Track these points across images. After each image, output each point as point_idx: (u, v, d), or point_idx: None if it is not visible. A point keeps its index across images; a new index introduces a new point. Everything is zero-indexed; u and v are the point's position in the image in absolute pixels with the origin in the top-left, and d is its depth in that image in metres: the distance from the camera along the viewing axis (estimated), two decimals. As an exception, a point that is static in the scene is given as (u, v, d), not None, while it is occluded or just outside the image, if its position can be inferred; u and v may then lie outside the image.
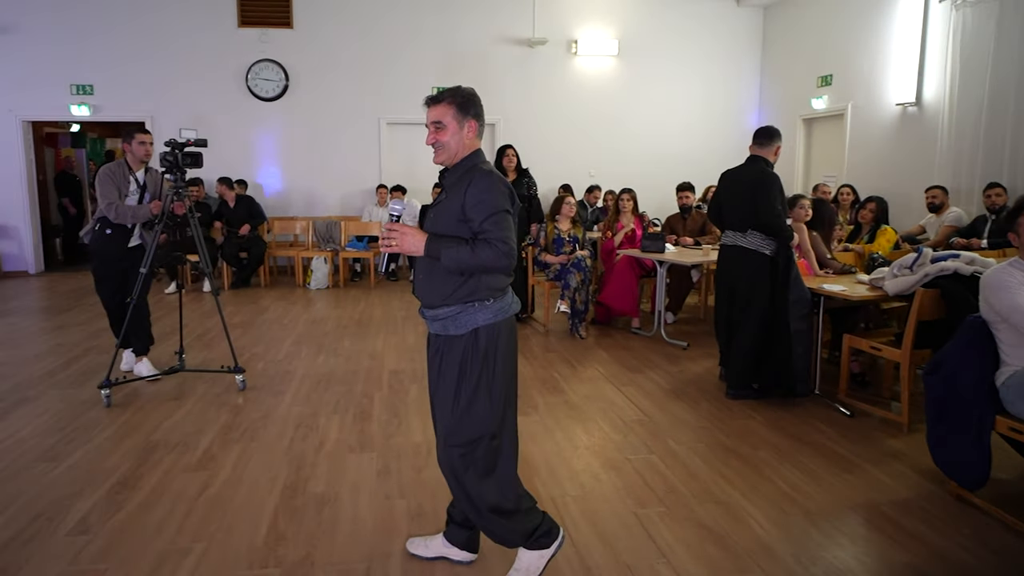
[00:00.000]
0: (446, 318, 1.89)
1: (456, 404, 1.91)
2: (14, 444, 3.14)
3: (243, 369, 3.99)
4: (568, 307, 5.09)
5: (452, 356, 1.91)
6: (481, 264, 1.79)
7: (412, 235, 1.82)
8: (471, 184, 1.83)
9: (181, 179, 3.77)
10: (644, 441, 3.20)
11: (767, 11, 9.07)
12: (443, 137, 1.90)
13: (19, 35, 7.90)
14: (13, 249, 8.28)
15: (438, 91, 1.94)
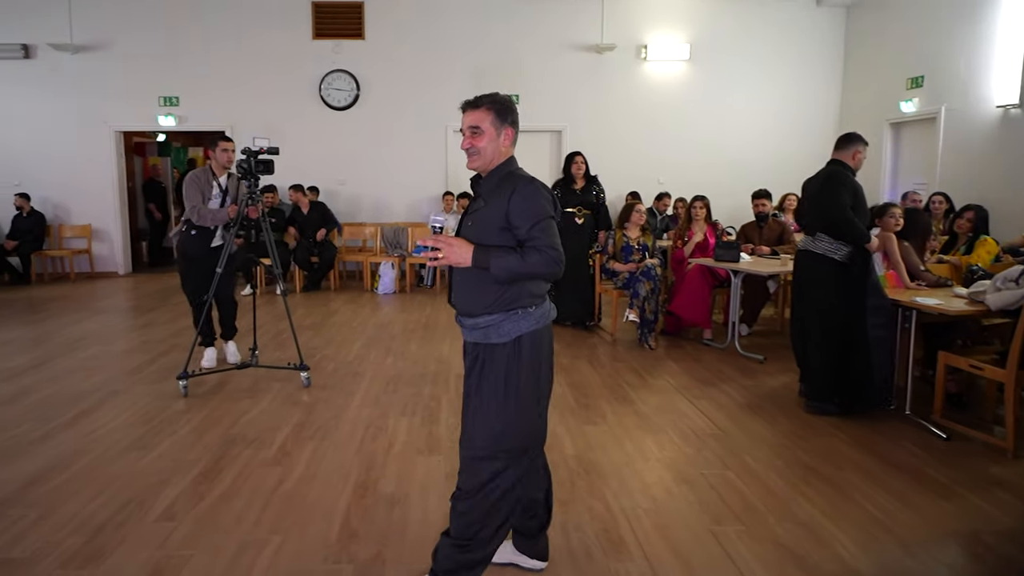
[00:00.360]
0: (488, 326, 1.86)
1: (501, 414, 1.86)
2: (107, 433, 3.37)
3: (308, 367, 4.17)
4: (637, 316, 5.02)
5: (495, 365, 1.87)
6: (531, 272, 1.78)
7: (459, 247, 1.80)
8: (515, 192, 1.81)
9: (255, 185, 3.99)
10: (719, 456, 3.11)
11: (850, 10, 8.72)
12: (479, 143, 1.88)
13: (113, 51, 8.55)
14: (104, 251, 8.92)
15: (476, 96, 1.91)
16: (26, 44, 8.45)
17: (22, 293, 7.64)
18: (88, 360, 4.71)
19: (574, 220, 5.69)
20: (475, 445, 1.91)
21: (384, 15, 8.58)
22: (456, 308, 1.96)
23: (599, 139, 8.57)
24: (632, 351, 5.02)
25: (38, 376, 4.33)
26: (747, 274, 4.92)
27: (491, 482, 1.90)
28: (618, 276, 5.36)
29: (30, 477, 2.85)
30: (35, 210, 8.43)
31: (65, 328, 5.74)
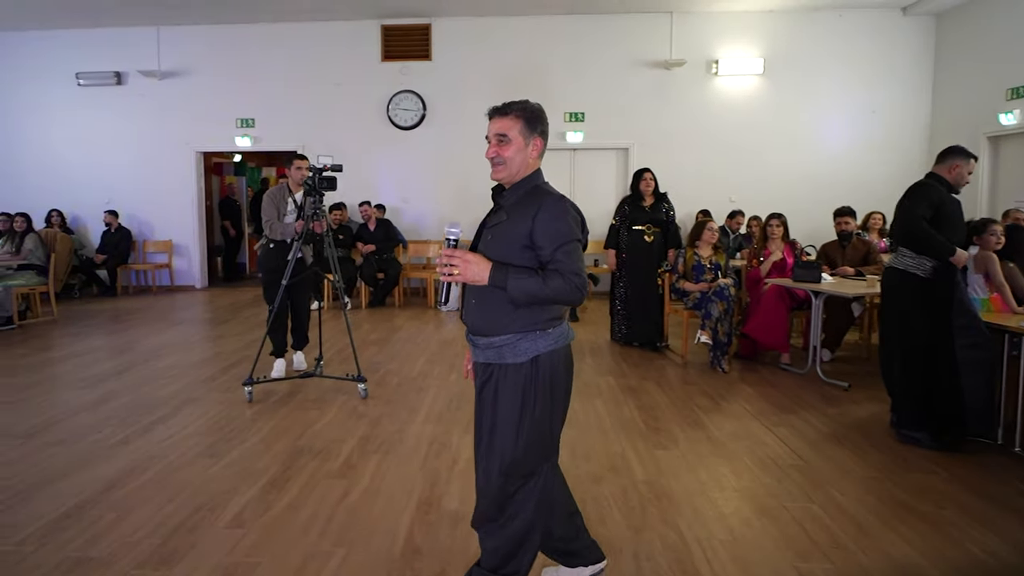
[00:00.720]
0: (503, 346, 1.80)
1: (519, 435, 1.81)
2: (182, 439, 3.51)
3: (365, 379, 4.28)
4: (709, 338, 4.86)
5: (510, 385, 1.81)
6: (551, 297, 1.71)
7: (476, 263, 1.72)
8: (541, 209, 1.74)
9: (319, 201, 4.18)
10: (802, 488, 2.93)
11: (940, 19, 8.31)
12: (506, 152, 1.81)
13: (196, 77, 9.14)
14: (183, 266, 9.45)
15: (504, 103, 1.85)
16: (119, 72, 9.16)
17: (108, 304, 8.15)
18: (166, 369, 4.95)
19: (643, 238, 5.60)
20: (492, 473, 1.85)
21: (450, 36, 8.80)
22: (469, 327, 1.89)
23: (668, 156, 8.45)
24: (704, 374, 4.85)
25: (120, 383, 4.58)
26: (829, 295, 4.68)
27: (514, 508, 1.86)
28: (689, 296, 5.20)
29: (110, 480, 2.99)
30: (122, 226, 9.03)
31: (146, 338, 6.07)
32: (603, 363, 5.17)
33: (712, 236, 5.30)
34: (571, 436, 3.55)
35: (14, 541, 2.46)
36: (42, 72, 9.25)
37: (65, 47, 9.16)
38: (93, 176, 9.30)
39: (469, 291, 1.86)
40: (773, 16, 8.45)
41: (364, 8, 8.43)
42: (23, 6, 8.12)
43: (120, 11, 8.40)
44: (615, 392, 4.38)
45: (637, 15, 8.55)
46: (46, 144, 9.34)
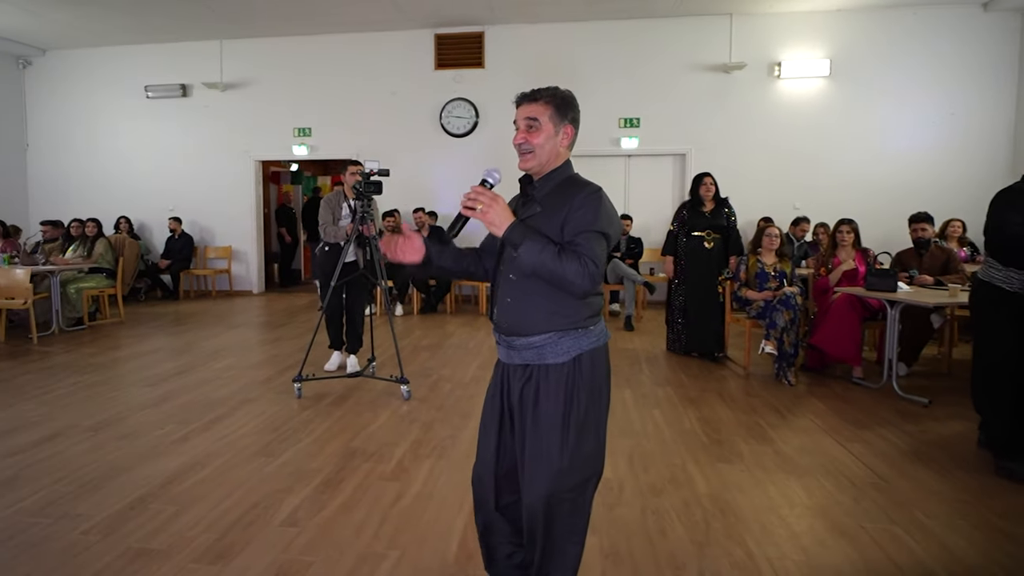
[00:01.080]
0: (544, 345, 1.72)
1: (565, 442, 1.71)
2: (239, 438, 3.58)
3: (407, 380, 4.37)
4: (774, 348, 4.67)
5: (553, 387, 1.72)
6: (561, 274, 1.59)
7: (502, 209, 1.62)
8: (578, 197, 1.67)
9: (367, 205, 4.35)
10: (882, 508, 2.75)
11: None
12: (535, 138, 1.72)
13: (256, 87, 9.48)
14: (242, 271, 9.77)
15: (534, 89, 1.77)
16: (184, 84, 9.59)
17: (171, 308, 8.48)
18: (224, 370, 5.09)
19: (703, 244, 5.46)
20: (537, 488, 1.73)
21: (503, 43, 8.85)
22: (501, 326, 1.78)
23: (727, 162, 8.26)
24: (768, 386, 4.66)
25: (181, 382, 4.73)
26: (906, 305, 4.43)
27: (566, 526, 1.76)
28: (752, 305, 5.03)
29: (170, 475, 3.07)
30: (185, 232, 9.41)
31: (205, 340, 6.27)
32: (660, 373, 5.03)
33: (772, 242, 5.11)
34: (628, 446, 3.45)
35: (81, 530, 2.54)
36: (114, 86, 9.78)
37: (135, 62, 9.67)
38: (158, 184, 9.75)
39: (503, 289, 1.77)
40: (841, 15, 8.17)
41: (418, 18, 8.58)
42: (98, 25, 8.62)
43: (186, 27, 8.82)
44: (674, 402, 4.25)
45: (694, 18, 8.41)
46: (117, 154, 9.86)
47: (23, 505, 2.75)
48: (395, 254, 1.78)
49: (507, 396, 1.83)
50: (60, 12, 8.16)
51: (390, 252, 1.79)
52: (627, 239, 7.85)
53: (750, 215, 7.93)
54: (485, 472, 1.90)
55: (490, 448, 1.87)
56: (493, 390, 1.89)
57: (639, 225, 8.39)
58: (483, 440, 1.91)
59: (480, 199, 1.62)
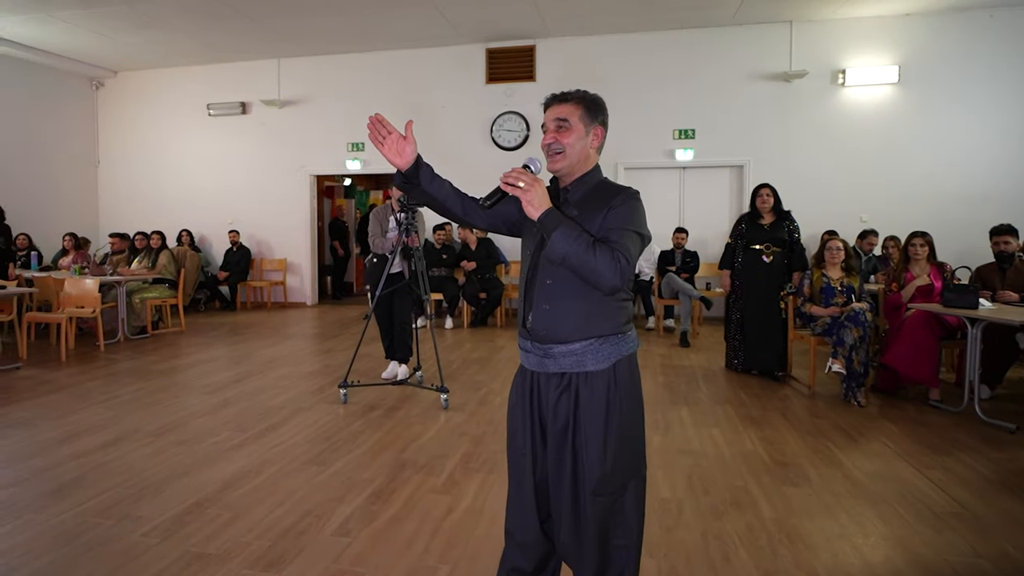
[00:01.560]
0: (584, 352, 1.68)
1: (607, 449, 1.67)
2: (292, 447, 3.64)
3: (447, 389, 4.45)
4: (843, 367, 4.46)
5: (592, 395, 1.68)
6: (592, 266, 1.54)
7: (543, 192, 1.58)
8: (616, 199, 1.66)
9: (412, 217, 4.51)
10: (967, 540, 2.57)
11: (1119, 12, 7.41)
12: (566, 138, 1.70)
13: (311, 104, 9.80)
14: (296, 283, 10.05)
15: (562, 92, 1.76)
16: (243, 102, 9.99)
17: (229, 318, 8.78)
18: (278, 379, 5.21)
19: (761, 258, 5.29)
20: (581, 497, 1.69)
21: (555, 56, 8.89)
22: (538, 334, 1.72)
23: (788, 173, 8.03)
24: (836, 407, 4.45)
25: (237, 390, 4.86)
26: (989, 324, 4.17)
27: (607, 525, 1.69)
28: (817, 322, 4.83)
29: (226, 481, 3.14)
30: (243, 245, 9.75)
31: (261, 350, 6.44)
32: (719, 391, 4.88)
33: (835, 256, 4.91)
34: (687, 465, 3.35)
35: (141, 532, 2.61)
36: (179, 104, 10.28)
37: (198, 81, 10.15)
38: (218, 198, 10.16)
39: (539, 295, 1.71)
40: (909, 20, 7.87)
41: (470, 33, 8.71)
42: (164, 47, 9.09)
43: (246, 47, 9.21)
44: (734, 422, 4.11)
45: (752, 26, 8.26)
46: (180, 169, 10.33)
47: (88, 506, 2.86)
48: (382, 147, 1.71)
49: (538, 407, 1.78)
50: (131, 36, 8.65)
51: (376, 142, 1.71)
52: (682, 253, 7.71)
53: (813, 228, 7.68)
54: (523, 493, 1.81)
55: (527, 464, 1.80)
56: (520, 402, 1.81)
57: (695, 238, 8.23)
58: (514, 460, 1.83)
59: (522, 178, 1.58)
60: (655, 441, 3.72)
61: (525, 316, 1.77)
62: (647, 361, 5.93)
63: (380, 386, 4.89)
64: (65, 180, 10.15)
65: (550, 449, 1.75)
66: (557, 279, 1.68)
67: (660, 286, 7.49)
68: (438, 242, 8.23)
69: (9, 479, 3.17)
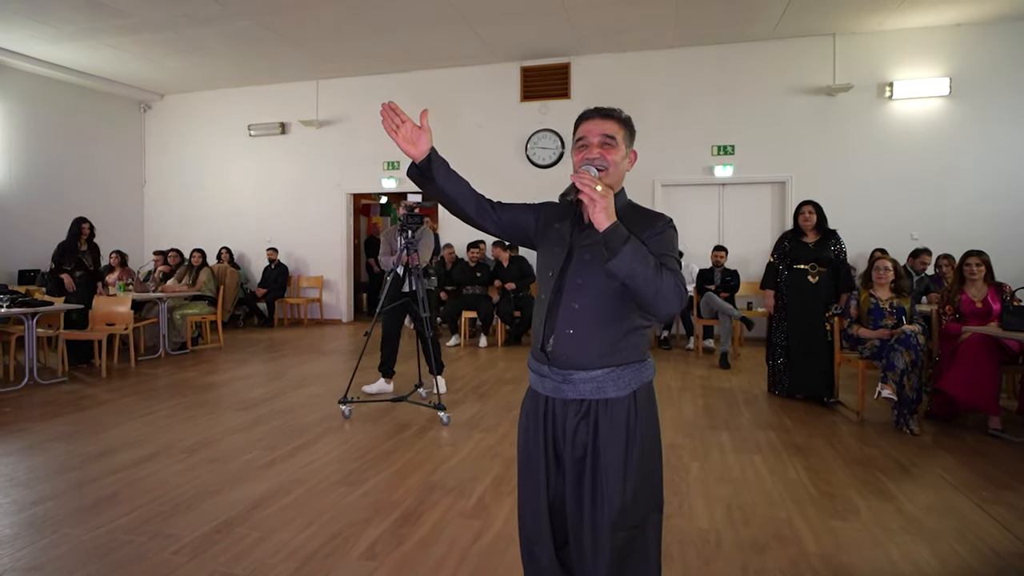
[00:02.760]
0: (603, 379, 1.63)
1: (628, 479, 1.61)
2: (323, 465, 3.64)
3: (444, 407, 4.55)
4: (893, 393, 4.27)
5: (612, 423, 1.63)
6: (658, 287, 1.48)
7: (611, 205, 1.49)
8: (654, 226, 1.64)
9: (412, 236, 4.72)
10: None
11: None
12: (611, 155, 1.66)
13: (349, 123, 10.01)
14: (332, 300, 10.19)
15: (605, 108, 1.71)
16: (283, 122, 10.26)
17: (266, 334, 8.93)
18: (312, 397, 5.25)
19: (807, 278, 5.13)
20: (597, 529, 1.62)
21: (590, 73, 8.89)
22: (558, 360, 1.65)
23: (833, 189, 7.83)
24: (887, 435, 4.25)
25: (271, 408, 4.91)
26: (1053, 347, 3.95)
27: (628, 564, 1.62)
28: (865, 344, 4.65)
29: (256, 500, 3.15)
30: (280, 262, 9.95)
31: (296, 367, 6.52)
32: (761, 416, 4.73)
33: (882, 276, 4.72)
34: (726, 494, 3.23)
35: (171, 550, 2.63)
36: (221, 126, 10.62)
37: (240, 103, 10.47)
38: (258, 217, 10.41)
39: (563, 319, 1.65)
40: (961, 30, 7.64)
41: (505, 51, 8.79)
42: (208, 70, 9.42)
43: (285, 69, 9.48)
44: (777, 449, 3.96)
45: (794, 40, 8.12)
46: (222, 189, 10.64)
47: (121, 522, 2.89)
48: (396, 136, 1.72)
49: (552, 432, 1.72)
50: (175, 60, 8.98)
51: (390, 130, 1.72)
52: (721, 271, 7.55)
53: (861, 247, 7.47)
54: (539, 519, 1.75)
55: (540, 490, 1.73)
56: (532, 426, 1.75)
57: (735, 257, 8.07)
58: (527, 483, 1.77)
59: (598, 185, 1.48)
60: (693, 468, 3.60)
61: (545, 340, 1.71)
62: (687, 383, 5.79)
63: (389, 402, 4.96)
64: (113, 200, 10.54)
65: (568, 478, 1.69)
66: (585, 304, 1.64)
67: (699, 305, 7.35)
68: (472, 260, 8.24)
69: (49, 492, 3.24)
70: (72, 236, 6.89)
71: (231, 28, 7.76)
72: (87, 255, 7.02)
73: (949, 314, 4.77)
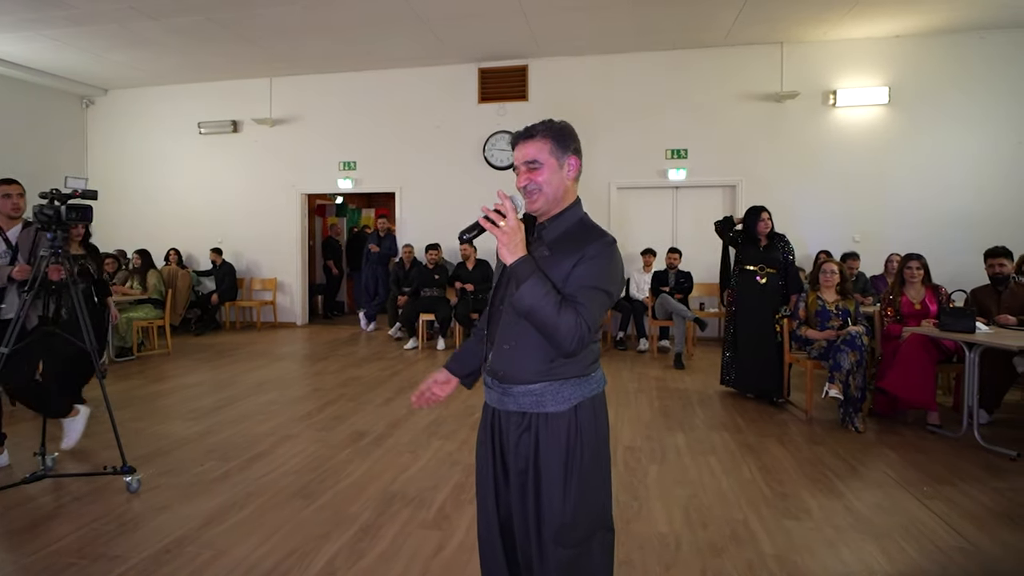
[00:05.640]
0: (542, 393, 1.62)
1: (568, 495, 1.60)
2: (278, 477, 3.52)
3: (133, 469, 3.36)
4: (840, 393, 4.40)
5: (552, 437, 1.61)
6: (554, 326, 1.49)
7: (521, 239, 1.53)
8: (590, 248, 1.58)
9: (61, 239, 3.26)
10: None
11: (1103, 36, 7.49)
12: (539, 177, 1.63)
13: (303, 122, 9.77)
14: (286, 303, 9.92)
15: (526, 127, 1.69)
16: (235, 120, 9.94)
17: (217, 339, 8.63)
18: (266, 405, 5.09)
19: (755, 279, 5.25)
20: (539, 545, 1.63)
21: (548, 76, 8.90)
22: (500, 375, 1.67)
23: (780, 193, 8.03)
24: (833, 433, 4.38)
25: (223, 417, 4.73)
26: (986, 348, 4.13)
27: None
28: (813, 345, 4.78)
29: (209, 515, 3.02)
30: (226, 262, 9.61)
31: (249, 373, 6.32)
32: (715, 416, 4.81)
33: (828, 279, 4.87)
34: (683, 497, 3.26)
35: (117, 573, 2.49)
36: (169, 123, 10.21)
37: (190, 99, 10.10)
38: (209, 217, 10.05)
39: (502, 335, 1.67)
40: (900, 42, 7.94)
41: (462, 53, 8.71)
42: (154, 65, 9.04)
43: (237, 65, 9.18)
44: (731, 449, 4.03)
45: (744, 47, 8.30)
46: (171, 188, 10.24)
47: (60, 545, 2.73)
48: (430, 400, 1.90)
49: (499, 443, 1.72)
50: (120, 54, 8.59)
51: (422, 402, 1.90)
52: (676, 273, 7.66)
53: (806, 249, 7.69)
54: (490, 528, 1.76)
55: (490, 501, 1.75)
56: (483, 436, 1.77)
57: (688, 259, 8.20)
58: (481, 492, 1.78)
59: (508, 215, 1.52)
60: (652, 471, 3.63)
61: (486, 353, 1.74)
62: (643, 384, 5.85)
63: None
64: (52, 198, 10.01)
65: (512, 489, 1.70)
66: (522, 319, 1.61)
67: (654, 307, 7.44)
68: (430, 262, 8.15)
69: (-20, 515, 3.04)
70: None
71: (179, 23, 7.46)
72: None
73: (890, 316, 4.95)
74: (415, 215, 9.40)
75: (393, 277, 8.68)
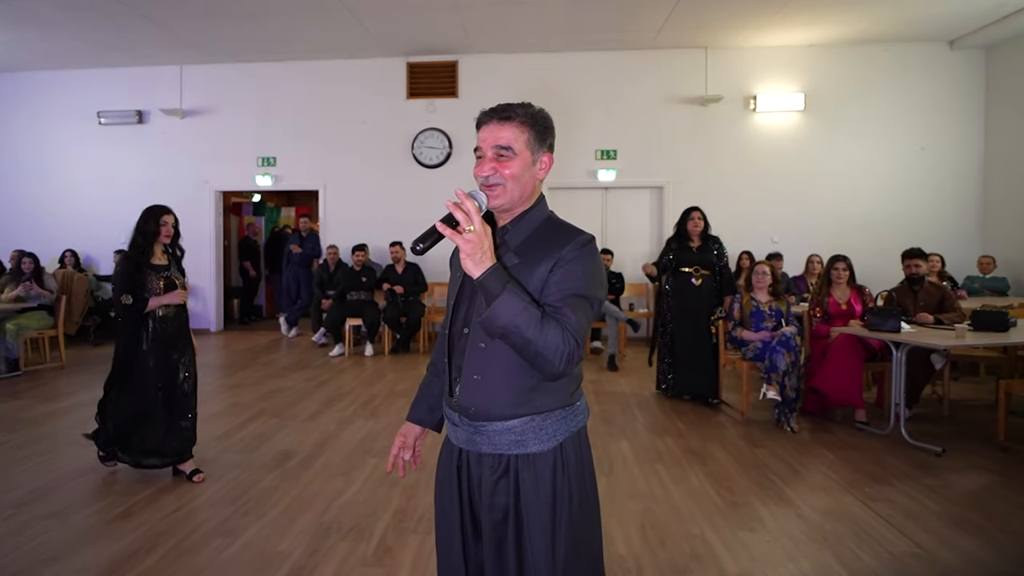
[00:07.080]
0: (522, 431, 1.35)
1: (558, 548, 1.34)
2: (192, 512, 3.09)
3: None
4: (777, 394, 4.39)
5: (535, 481, 1.35)
6: (538, 347, 1.22)
7: (489, 246, 1.24)
8: (569, 250, 1.32)
9: None
10: (931, 587, 2.45)
11: (989, 53, 8.01)
12: (508, 168, 1.35)
13: (217, 115, 9.03)
14: (199, 308, 9.13)
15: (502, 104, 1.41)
16: (140, 110, 9.07)
17: (119, 349, 7.80)
18: (176, 423, 4.54)
19: (690, 281, 5.21)
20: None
21: (478, 73, 8.63)
22: (471, 411, 1.37)
23: (704, 195, 8.04)
24: (770, 434, 4.37)
25: (126, 439, 4.17)
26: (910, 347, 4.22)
27: None
28: (747, 346, 4.77)
29: (107, 566, 2.57)
30: (135, 266, 8.74)
31: (156, 387, 5.68)
32: (656, 421, 4.71)
33: (761, 280, 4.89)
34: (638, 511, 3.09)
35: (-14, 652, 2.04)
36: (64, 110, 9.18)
37: (88, 86, 9.12)
38: (110, 215, 9.08)
39: (469, 362, 1.38)
40: (814, 51, 8.20)
41: (390, 46, 8.30)
42: (44, 46, 8.08)
43: (143, 51, 8.36)
44: (677, 456, 3.91)
45: (671, 50, 8.34)
46: (65, 182, 9.22)
47: (-83, 616, 2.23)
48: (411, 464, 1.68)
49: (468, 491, 1.43)
50: (5, 32, 7.60)
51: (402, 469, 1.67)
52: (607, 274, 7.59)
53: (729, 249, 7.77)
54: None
55: (456, 557, 1.44)
56: (447, 480, 1.47)
57: (619, 259, 8.16)
58: (444, 546, 1.47)
59: (471, 218, 1.22)
60: (602, 483, 3.43)
61: (452, 386, 1.43)
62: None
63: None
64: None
65: (486, 545, 1.40)
66: (493, 343, 1.33)
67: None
68: (357, 264, 7.70)
69: None
70: None
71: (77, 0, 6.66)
72: None
73: (818, 316, 5.01)
74: (340, 214, 8.88)
75: (317, 279, 8.18)
